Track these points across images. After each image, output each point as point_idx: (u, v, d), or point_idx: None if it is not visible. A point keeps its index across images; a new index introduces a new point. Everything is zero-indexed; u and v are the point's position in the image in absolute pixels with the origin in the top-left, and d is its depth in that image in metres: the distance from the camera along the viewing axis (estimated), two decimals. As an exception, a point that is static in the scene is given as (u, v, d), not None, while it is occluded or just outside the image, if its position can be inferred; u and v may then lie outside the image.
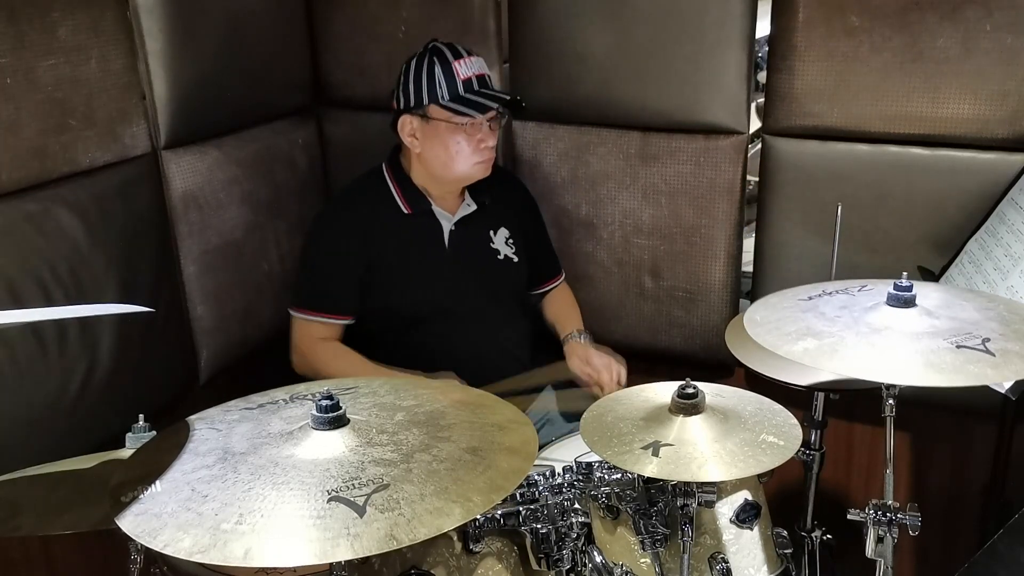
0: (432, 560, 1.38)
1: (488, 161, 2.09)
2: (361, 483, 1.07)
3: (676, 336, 2.39)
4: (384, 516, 1.02)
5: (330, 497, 1.05)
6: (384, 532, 1.00)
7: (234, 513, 1.04)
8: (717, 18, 2.12)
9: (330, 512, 1.03)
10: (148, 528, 1.04)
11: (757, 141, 2.25)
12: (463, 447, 1.17)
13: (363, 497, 1.05)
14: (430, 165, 2.08)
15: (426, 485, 1.08)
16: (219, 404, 1.34)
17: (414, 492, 1.06)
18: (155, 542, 1.02)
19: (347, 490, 1.06)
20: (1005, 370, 1.31)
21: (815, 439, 1.87)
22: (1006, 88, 1.94)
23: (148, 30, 1.98)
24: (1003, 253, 1.85)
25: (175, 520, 1.04)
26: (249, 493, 1.07)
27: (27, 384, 1.75)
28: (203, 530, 1.02)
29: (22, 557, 1.83)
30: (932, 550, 2.29)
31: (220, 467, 1.13)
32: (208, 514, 1.04)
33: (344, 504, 1.04)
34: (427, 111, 2.02)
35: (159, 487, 1.11)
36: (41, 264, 1.77)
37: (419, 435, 1.20)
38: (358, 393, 1.34)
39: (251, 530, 1.01)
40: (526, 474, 1.18)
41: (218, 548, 1.00)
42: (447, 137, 2.02)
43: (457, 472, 1.12)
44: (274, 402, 1.32)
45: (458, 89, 2.00)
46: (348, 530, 1.01)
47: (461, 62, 2.02)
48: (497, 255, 2.20)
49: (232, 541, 1.00)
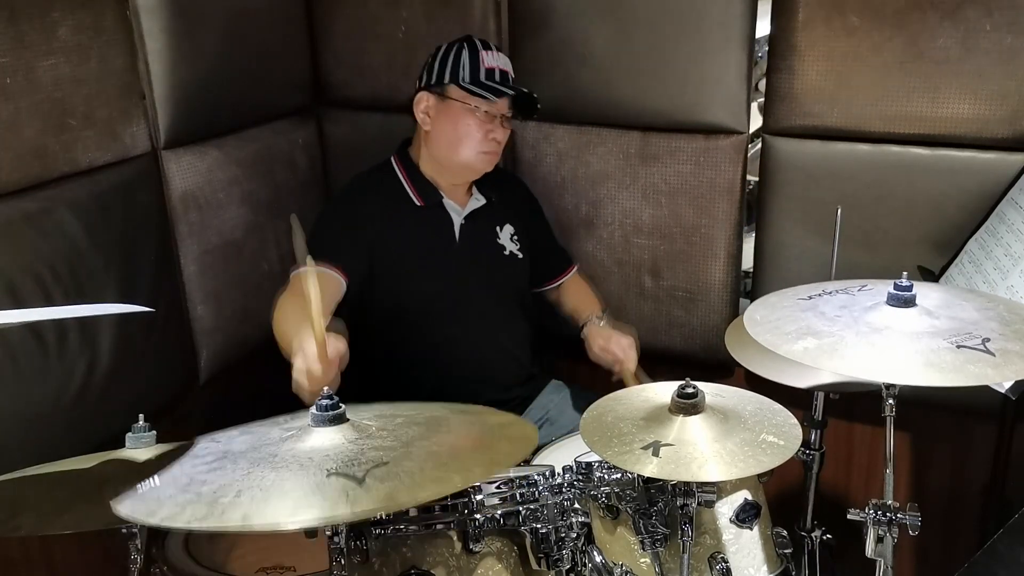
0: (432, 560, 1.38)
1: (493, 155, 2.10)
2: (360, 464, 1.07)
3: (676, 336, 2.39)
4: (384, 485, 1.02)
5: (329, 473, 1.05)
6: (384, 494, 1.00)
7: (232, 490, 1.05)
8: (717, 18, 2.12)
9: (329, 483, 1.03)
10: (146, 509, 1.05)
11: (757, 141, 2.25)
12: (463, 436, 1.18)
13: (362, 471, 1.05)
14: (436, 145, 2.08)
15: (425, 462, 1.08)
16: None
17: (414, 467, 1.06)
18: (152, 519, 1.02)
19: (346, 468, 1.06)
20: (1005, 370, 1.31)
21: (815, 439, 1.87)
22: (1006, 88, 1.94)
23: (148, 30, 1.98)
24: (1003, 253, 1.85)
25: (173, 500, 1.05)
26: (248, 476, 1.07)
27: (27, 384, 1.75)
28: (201, 504, 1.02)
29: (22, 557, 1.83)
30: (932, 550, 2.29)
31: (220, 462, 1.14)
32: (207, 493, 1.04)
33: (343, 477, 1.04)
34: (446, 90, 2.04)
35: (157, 481, 1.11)
36: (41, 264, 1.77)
37: (419, 430, 1.20)
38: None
39: (249, 500, 1.02)
40: (525, 456, 1.18)
41: (215, 516, 1.00)
42: (459, 118, 2.04)
43: (457, 454, 1.12)
44: (275, 423, 1.33)
45: (480, 75, 2.03)
46: (347, 495, 1.00)
47: (489, 53, 2.06)
48: (503, 251, 2.21)
49: (230, 510, 1.01)
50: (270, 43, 2.37)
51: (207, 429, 1.32)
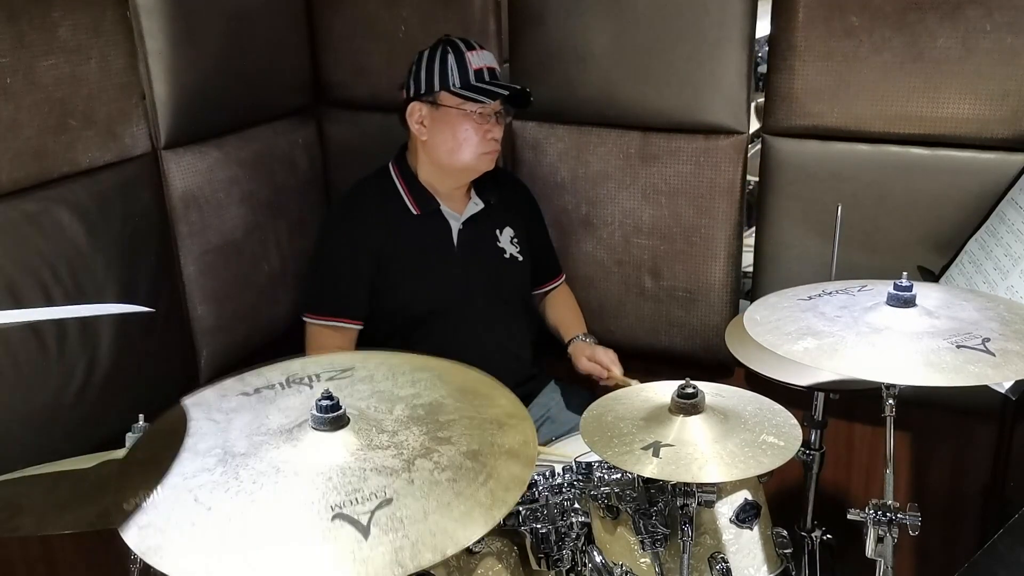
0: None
1: (493, 154, 2.10)
2: (364, 497, 1.08)
3: (676, 336, 2.39)
4: (388, 538, 1.03)
5: (334, 515, 1.05)
6: (390, 558, 1.01)
7: (237, 528, 1.04)
8: (717, 18, 2.12)
9: (334, 532, 1.03)
10: (152, 544, 1.05)
11: (757, 141, 2.25)
12: (463, 451, 1.18)
13: (367, 515, 1.05)
14: (436, 153, 2.08)
15: (429, 500, 1.08)
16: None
17: (417, 510, 1.07)
18: (160, 562, 1.03)
19: (350, 505, 1.06)
20: (1005, 370, 1.31)
21: (815, 439, 1.87)
22: (1006, 88, 1.94)
23: (148, 30, 1.98)
24: (1003, 253, 1.85)
25: (180, 535, 1.05)
26: (252, 506, 1.07)
27: (27, 384, 1.75)
28: (208, 553, 1.02)
29: (22, 557, 1.83)
30: (932, 550, 2.29)
31: (221, 471, 1.13)
32: (212, 531, 1.05)
33: (348, 523, 1.04)
34: (437, 97, 2.04)
35: (161, 493, 1.11)
36: (41, 264, 1.77)
37: (419, 435, 1.20)
38: (354, 378, 1.33)
39: (256, 551, 1.02)
40: (527, 483, 1.18)
41: (223, 563, 1.01)
42: (456, 124, 2.04)
43: (459, 484, 1.12)
44: (271, 387, 1.32)
45: (470, 77, 2.02)
46: (354, 555, 1.01)
47: (473, 53, 2.05)
48: (503, 254, 2.21)
49: (236, 554, 1.01)
50: (270, 43, 2.36)
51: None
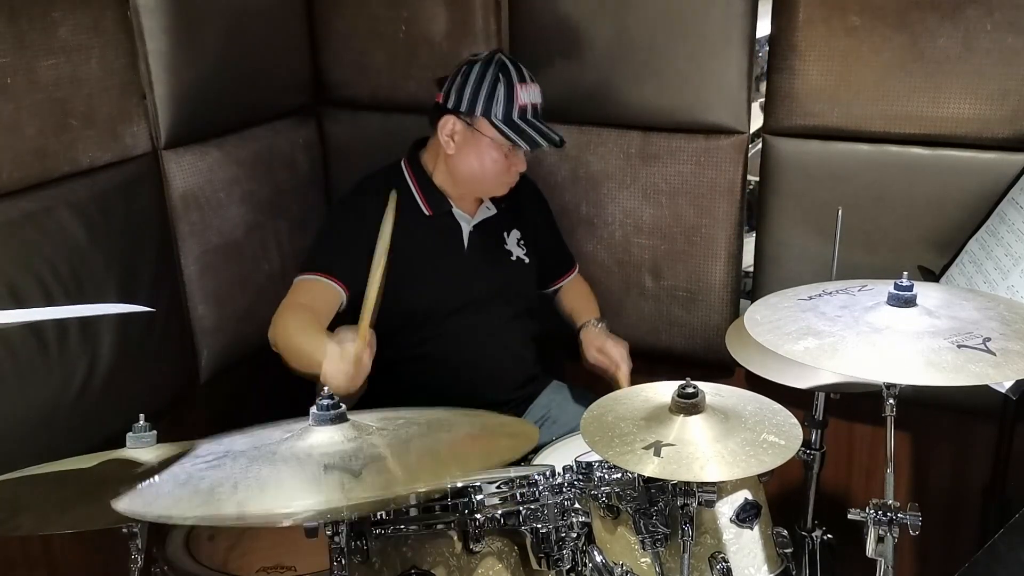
0: (432, 560, 1.38)
1: (512, 183, 2.10)
2: (358, 459, 1.08)
3: (676, 336, 2.39)
4: (380, 477, 1.03)
5: (326, 466, 1.06)
6: (380, 485, 1.01)
7: (229, 483, 1.06)
8: (717, 18, 2.12)
9: (326, 476, 1.04)
10: (144, 503, 1.06)
11: (758, 141, 2.25)
12: (463, 433, 1.18)
13: (359, 465, 1.05)
14: (458, 171, 2.06)
15: (423, 456, 1.09)
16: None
17: (411, 461, 1.07)
18: (150, 512, 1.03)
19: (344, 463, 1.07)
20: (1006, 370, 1.31)
21: (815, 439, 1.87)
22: (1006, 88, 1.94)
23: (148, 30, 1.98)
24: (1004, 253, 1.85)
25: (171, 495, 1.06)
26: (246, 470, 1.09)
27: (27, 384, 1.75)
28: (199, 498, 1.03)
29: (22, 557, 1.83)
30: (932, 550, 2.29)
31: (219, 460, 1.14)
32: (204, 488, 1.06)
33: (340, 471, 1.05)
34: (476, 123, 2.00)
35: (157, 479, 1.12)
36: (41, 264, 1.77)
37: (419, 429, 1.20)
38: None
39: (245, 491, 1.03)
40: (525, 451, 1.18)
41: (211, 505, 1.02)
42: (486, 152, 2.01)
43: (456, 448, 1.12)
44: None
45: (513, 114, 1.99)
46: (343, 486, 1.01)
47: (524, 87, 2.00)
48: (510, 256, 2.20)
49: (226, 500, 1.02)
50: (271, 43, 2.36)
51: (208, 428, 1.32)
